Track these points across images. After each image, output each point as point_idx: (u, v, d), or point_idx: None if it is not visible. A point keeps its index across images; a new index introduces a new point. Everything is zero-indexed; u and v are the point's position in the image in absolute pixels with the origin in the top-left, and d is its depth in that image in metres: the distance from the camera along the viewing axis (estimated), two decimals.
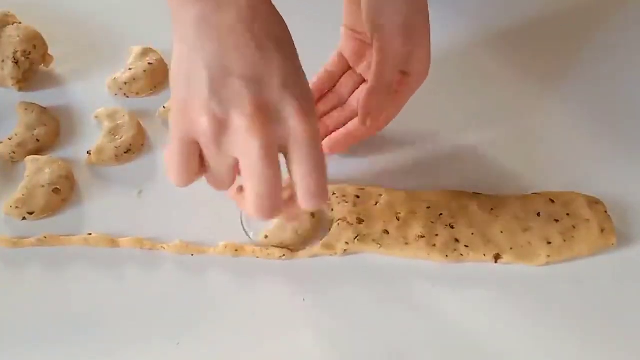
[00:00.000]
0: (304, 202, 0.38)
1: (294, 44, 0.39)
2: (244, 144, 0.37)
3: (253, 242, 0.48)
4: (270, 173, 0.37)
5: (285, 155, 0.38)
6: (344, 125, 0.51)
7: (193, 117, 0.37)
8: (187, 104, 0.38)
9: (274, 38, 0.38)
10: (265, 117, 0.37)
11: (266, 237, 0.48)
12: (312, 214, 0.48)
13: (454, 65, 0.58)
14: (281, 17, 0.39)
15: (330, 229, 0.48)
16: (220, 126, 0.37)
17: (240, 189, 0.41)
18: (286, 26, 0.39)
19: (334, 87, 0.53)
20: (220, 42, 0.37)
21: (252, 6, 0.38)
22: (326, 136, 0.51)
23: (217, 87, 0.37)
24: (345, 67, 0.52)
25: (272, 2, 0.39)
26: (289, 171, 0.38)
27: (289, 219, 0.45)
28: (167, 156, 0.39)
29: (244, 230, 0.48)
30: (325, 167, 0.38)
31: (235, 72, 0.37)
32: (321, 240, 0.48)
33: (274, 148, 0.37)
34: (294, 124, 0.37)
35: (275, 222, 0.48)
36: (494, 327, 0.45)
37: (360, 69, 0.51)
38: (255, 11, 0.38)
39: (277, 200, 0.38)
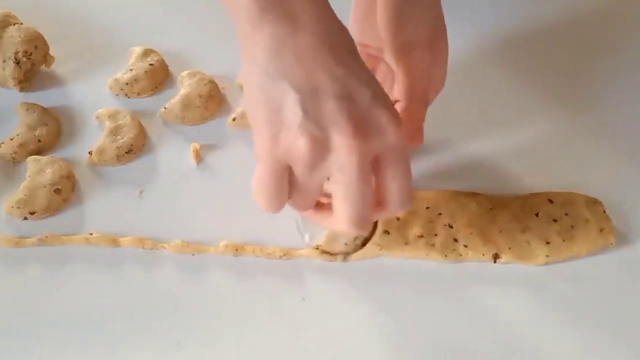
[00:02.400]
0: (398, 207, 0.39)
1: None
2: (343, 162, 0.37)
3: (308, 245, 0.48)
4: (368, 188, 0.38)
5: (375, 164, 0.38)
6: None
7: (288, 142, 0.37)
8: (278, 130, 0.37)
9: (348, 49, 0.38)
10: (364, 133, 0.37)
11: (317, 247, 0.47)
12: None
13: (454, 68, 0.58)
14: (342, 23, 0.39)
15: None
16: (320, 148, 0.37)
17: (319, 205, 0.41)
18: (349, 32, 0.39)
19: None
20: (302, 64, 0.37)
21: (322, 19, 0.38)
22: None
23: (312, 109, 0.36)
24: None
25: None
26: (380, 179, 0.39)
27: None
28: (257, 184, 0.39)
29: (300, 233, 0.48)
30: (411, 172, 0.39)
31: (326, 91, 0.37)
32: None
33: (370, 163, 0.37)
34: (389, 134, 0.37)
35: (326, 232, 0.47)
36: (492, 327, 0.45)
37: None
38: (327, 24, 0.38)
39: (370, 213, 0.39)
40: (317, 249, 0.47)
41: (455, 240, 0.48)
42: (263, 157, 0.38)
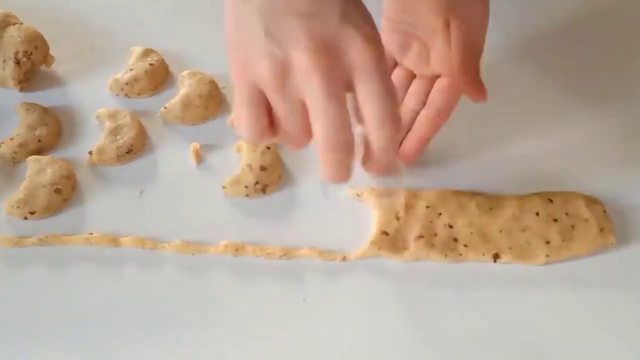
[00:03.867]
0: (375, 133, 0.37)
1: None
2: (307, 82, 0.36)
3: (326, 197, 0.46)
4: (336, 109, 0.36)
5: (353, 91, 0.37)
6: (408, 129, 0.49)
7: (254, 66, 0.37)
8: (246, 56, 0.37)
9: None
10: (326, 51, 0.36)
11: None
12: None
13: None
14: None
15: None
16: (282, 67, 0.36)
17: None
18: None
19: None
20: None
21: None
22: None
23: (273, 29, 0.36)
24: (391, 66, 0.50)
25: None
26: (359, 106, 0.37)
27: (379, 173, 0.43)
28: (235, 116, 0.39)
29: (324, 191, 0.47)
30: (396, 94, 0.37)
31: (289, 9, 0.36)
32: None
33: (338, 83, 0.36)
34: (356, 51, 0.36)
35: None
36: (492, 328, 0.45)
37: (408, 61, 0.48)
38: None
39: (347, 137, 0.37)
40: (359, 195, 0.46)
41: (455, 240, 0.48)
42: (236, 83, 0.38)
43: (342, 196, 0.48)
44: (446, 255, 0.47)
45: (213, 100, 0.56)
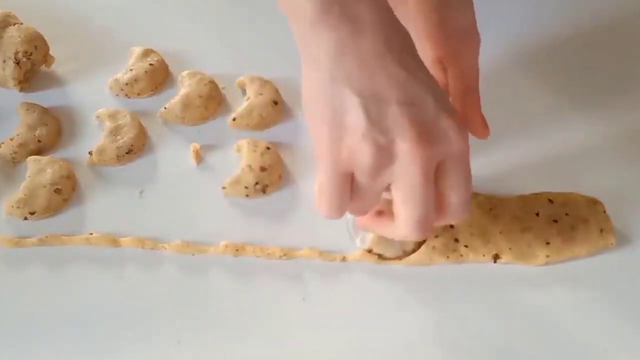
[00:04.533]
0: (456, 215, 0.39)
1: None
2: (407, 169, 0.37)
3: (359, 248, 0.47)
4: (431, 193, 0.37)
5: (437, 171, 0.38)
6: None
7: (351, 148, 0.37)
8: (341, 134, 0.37)
9: (411, 53, 0.38)
10: (428, 139, 0.37)
11: (370, 251, 0.47)
12: None
13: None
14: (404, 27, 0.39)
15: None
16: (384, 154, 0.37)
17: (380, 213, 0.41)
18: (410, 36, 0.39)
19: None
20: (365, 68, 0.37)
21: (385, 22, 0.37)
22: None
23: (376, 116, 0.36)
24: None
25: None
26: (441, 186, 0.39)
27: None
28: (319, 189, 0.39)
29: (350, 235, 0.48)
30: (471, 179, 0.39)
31: (389, 97, 0.36)
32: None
33: (433, 168, 0.37)
34: (452, 141, 0.37)
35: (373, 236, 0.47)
36: (492, 328, 0.45)
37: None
38: (389, 28, 0.38)
39: (433, 219, 0.39)
40: (370, 252, 0.47)
41: (456, 240, 0.48)
42: (325, 162, 0.38)
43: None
44: (447, 257, 0.47)
45: (213, 100, 0.56)
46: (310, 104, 0.39)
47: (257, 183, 0.50)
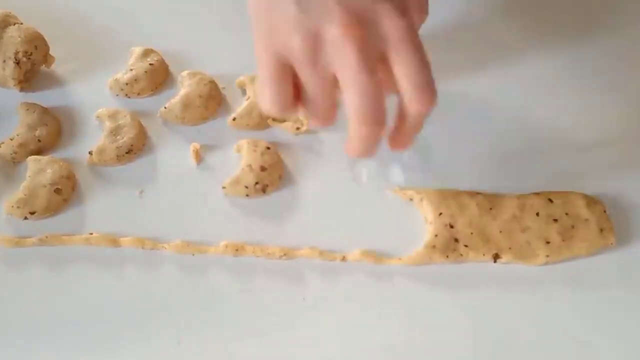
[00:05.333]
0: (414, 103, 0.37)
1: None
2: (341, 54, 0.36)
3: (365, 183, 0.45)
4: (371, 81, 0.36)
5: (388, 62, 0.36)
6: None
7: (284, 39, 0.36)
8: (273, 27, 0.37)
9: None
10: (359, 23, 0.36)
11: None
12: None
13: (456, 63, 0.58)
14: None
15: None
16: (315, 41, 0.36)
17: None
18: None
19: None
20: None
21: None
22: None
23: (305, 4, 0.36)
24: None
25: None
26: (395, 76, 0.37)
27: (404, 147, 0.42)
28: (259, 86, 0.38)
29: (356, 178, 0.46)
30: (430, 64, 0.37)
31: None
32: None
33: (372, 55, 0.36)
34: (388, 23, 0.36)
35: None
36: (492, 328, 0.45)
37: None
38: None
39: (382, 108, 0.37)
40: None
41: (456, 240, 0.48)
42: (260, 55, 0.38)
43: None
44: (447, 257, 0.47)
45: (213, 100, 0.56)
46: (252, 4, 0.39)
47: (257, 183, 0.50)
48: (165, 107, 0.55)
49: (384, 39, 0.36)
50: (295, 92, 0.39)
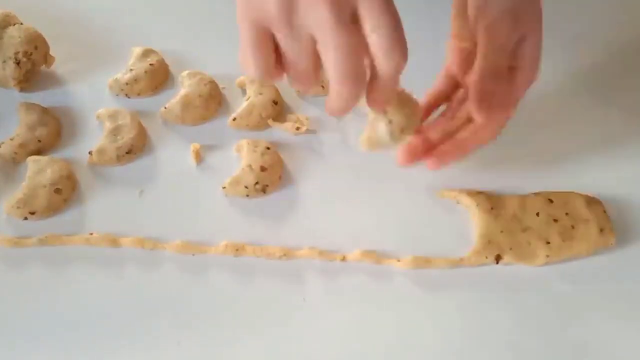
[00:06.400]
0: (385, 59, 0.37)
1: None
2: (315, 13, 0.36)
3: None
4: (347, 37, 0.36)
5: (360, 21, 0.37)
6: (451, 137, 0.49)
7: (260, 4, 0.37)
8: None
9: None
10: None
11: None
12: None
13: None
14: None
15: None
16: (289, 3, 0.36)
17: None
18: None
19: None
20: None
21: None
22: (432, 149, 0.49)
23: None
24: (453, 86, 0.50)
25: None
26: (366, 35, 0.37)
27: (380, 105, 0.42)
28: (242, 53, 0.39)
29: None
30: (401, 22, 0.37)
31: None
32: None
33: (344, 10, 0.36)
34: None
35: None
36: (492, 328, 0.45)
37: (470, 80, 0.47)
38: None
39: (360, 65, 0.37)
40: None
41: None
42: (240, 23, 0.38)
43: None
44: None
45: (213, 100, 0.56)
46: None
47: (257, 183, 0.50)
48: (165, 107, 0.55)
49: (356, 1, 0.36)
50: (278, 60, 0.39)
